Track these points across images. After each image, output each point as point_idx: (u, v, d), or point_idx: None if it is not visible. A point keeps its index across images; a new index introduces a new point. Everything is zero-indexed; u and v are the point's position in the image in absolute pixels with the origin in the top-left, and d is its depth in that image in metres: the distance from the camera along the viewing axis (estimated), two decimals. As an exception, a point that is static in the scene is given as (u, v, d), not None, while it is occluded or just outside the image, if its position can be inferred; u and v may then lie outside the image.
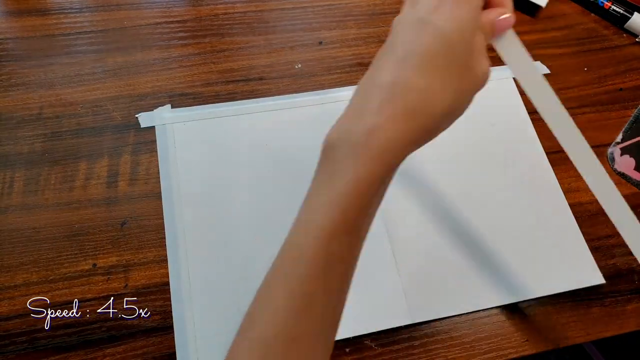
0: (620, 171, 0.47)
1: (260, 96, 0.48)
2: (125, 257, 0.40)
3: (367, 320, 0.39)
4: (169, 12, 0.53)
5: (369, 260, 0.41)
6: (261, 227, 0.42)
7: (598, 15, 0.57)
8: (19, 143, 0.44)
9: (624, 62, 0.54)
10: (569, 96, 0.51)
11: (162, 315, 0.38)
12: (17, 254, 0.40)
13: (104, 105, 0.47)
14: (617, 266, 0.43)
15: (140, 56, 0.50)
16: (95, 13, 0.52)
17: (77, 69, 0.48)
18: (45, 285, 0.38)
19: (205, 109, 0.47)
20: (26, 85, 0.47)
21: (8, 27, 0.51)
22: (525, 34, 0.55)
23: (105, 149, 0.44)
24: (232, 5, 0.54)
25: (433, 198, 0.44)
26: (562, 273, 0.42)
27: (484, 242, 0.43)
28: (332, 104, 0.48)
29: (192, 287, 0.39)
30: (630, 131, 0.49)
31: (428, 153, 0.46)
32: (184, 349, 0.37)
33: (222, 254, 0.41)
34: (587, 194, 0.46)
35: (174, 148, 0.45)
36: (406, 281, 0.40)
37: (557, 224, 0.44)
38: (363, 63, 0.51)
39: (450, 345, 0.39)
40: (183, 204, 0.42)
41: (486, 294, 0.41)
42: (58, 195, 0.42)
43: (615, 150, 0.48)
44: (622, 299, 0.42)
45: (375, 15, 0.55)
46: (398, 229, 0.43)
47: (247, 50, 0.51)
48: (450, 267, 0.42)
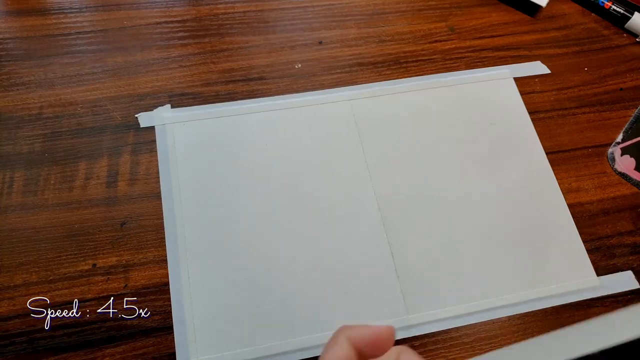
0: (621, 171, 0.47)
1: (260, 96, 0.48)
2: (125, 257, 0.40)
3: (367, 321, 0.39)
4: (169, 11, 0.53)
5: (368, 261, 0.41)
6: (261, 227, 0.42)
7: (598, 15, 0.57)
8: (19, 143, 0.44)
9: (624, 62, 0.54)
10: (569, 96, 0.51)
11: (162, 315, 0.38)
12: (16, 254, 0.39)
13: (103, 105, 0.47)
14: (617, 266, 0.43)
15: (140, 56, 0.50)
16: (95, 13, 0.52)
17: (77, 69, 0.48)
18: (45, 286, 0.38)
19: (205, 109, 0.47)
20: (26, 85, 0.47)
21: (8, 27, 0.51)
22: (525, 34, 0.55)
23: (105, 149, 0.44)
24: (232, 5, 0.54)
25: (432, 198, 0.44)
26: (559, 275, 0.42)
27: (483, 242, 0.43)
28: (332, 104, 0.48)
29: (192, 287, 0.39)
30: (630, 131, 0.49)
31: (428, 153, 0.46)
32: (184, 349, 0.37)
33: (222, 254, 0.41)
34: (587, 194, 0.46)
35: (173, 148, 0.45)
36: (405, 282, 0.40)
37: (556, 224, 0.44)
38: (363, 63, 0.51)
39: (450, 345, 0.39)
40: (183, 204, 0.42)
41: (486, 294, 0.41)
42: (58, 195, 0.42)
43: (616, 150, 0.48)
44: (623, 299, 0.42)
45: (375, 15, 0.55)
46: (397, 230, 0.43)
47: (247, 50, 0.51)
48: (449, 267, 0.41)
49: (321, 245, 0.41)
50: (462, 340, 0.39)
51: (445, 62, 0.52)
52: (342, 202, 0.43)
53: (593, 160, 0.48)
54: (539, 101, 0.50)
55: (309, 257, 0.41)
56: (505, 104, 0.50)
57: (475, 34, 0.54)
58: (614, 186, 0.47)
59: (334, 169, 0.45)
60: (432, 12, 0.56)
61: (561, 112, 0.50)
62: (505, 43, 0.54)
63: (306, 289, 0.40)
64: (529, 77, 0.52)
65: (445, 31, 0.54)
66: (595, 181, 0.47)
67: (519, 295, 0.41)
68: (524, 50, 0.54)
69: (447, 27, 0.55)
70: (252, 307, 0.39)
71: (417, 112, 0.49)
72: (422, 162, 0.46)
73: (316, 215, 0.43)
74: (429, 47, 0.53)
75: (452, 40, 0.54)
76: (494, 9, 0.57)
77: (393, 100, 0.49)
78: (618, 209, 0.45)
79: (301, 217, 0.42)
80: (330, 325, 0.38)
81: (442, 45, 0.53)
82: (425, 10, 0.56)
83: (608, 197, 0.46)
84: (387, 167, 0.45)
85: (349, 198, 0.44)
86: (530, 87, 0.51)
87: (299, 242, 0.41)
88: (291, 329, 0.38)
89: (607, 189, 0.46)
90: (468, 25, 0.55)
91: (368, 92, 0.49)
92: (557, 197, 0.45)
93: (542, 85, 0.52)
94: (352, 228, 0.42)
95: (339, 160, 0.45)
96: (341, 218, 0.43)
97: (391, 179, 0.45)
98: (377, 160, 0.46)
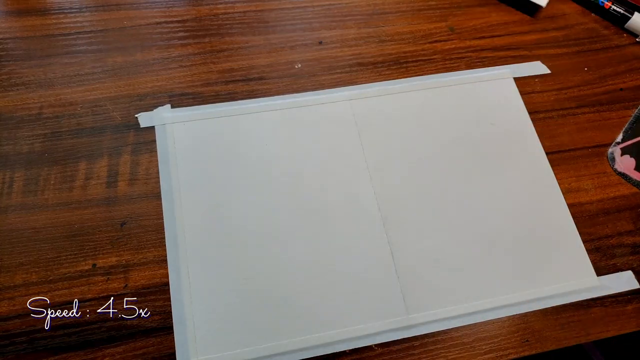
0: (621, 171, 0.47)
1: (260, 96, 0.48)
2: (125, 257, 0.40)
3: (367, 321, 0.39)
4: (169, 11, 0.53)
5: (368, 261, 0.41)
6: (261, 227, 0.42)
7: (598, 15, 0.57)
8: (19, 143, 0.44)
9: (624, 62, 0.54)
10: (569, 96, 0.51)
11: (162, 316, 0.38)
12: (16, 254, 0.40)
13: (103, 105, 0.47)
14: (617, 266, 0.43)
15: (139, 56, 0.50)
16: (95, 13, 0.52)
17: (77, 69, 0.48)
18: (45, 286, 0.39)
19: (205, 109, 0.47)
20: (26, 85, 0.47)
21: (8, 27, 0.51)
22: (525, 34, 0.55)
23: (105, 149, 0.44)
24: (232, 5, 0.54)
25: (432, 198, 0.44)
26: (559, 275, 0.42)
27: (483, 242, 0.43)
28: (332, 104, 0.48)
29: (192, 287, 0.39)
30: (630, 131, 0.49)
31: (428, 153, 0.46)
32: (184, 349, 0.37)
33: (222, 254, 0.41)
34: (586, 194, 0.46)
35: (173, 148, 0.45)
36: (405, 282, 0.40)
37: (556, 225, 0.44)
38: (363, 63, 0.51)
39: (450, 345, 0.39)
40: (183, 204, 0.42)
41: (486, 294, 0.41)
42: (58, 195, 0.42)
43: (616, 150, 0.48)
44: (623, 299, 0.42)
45: (375, 15, 0.55)
46: (397, 230, 0.43)
47: (247, 50, 0.51)
48: (449, 267, 0.41)
49: (321, 245, 0.41)
50: (462, 340, 0.39)
51: (445, 62, 0.52)
52: (342, 202, 0.43)
53: (593, 160, 0.48)
54: (539, 101, 0.50)
55: (309, 256, 0.41)
56: (505, 104, 0.50)
57: (475, 34, 0.55)
58: (614, 186, 0.47)
59: (334, 168, 0.45)
60: (432, 12, 0.56)
61: (561, 112, 0.50)
62: (505, 43, 0.54)
63: (306, 289, 0.40)
64: (529, 77, 0.52)
65: (445, 31, 0.54)
66: (595, 181, 0.47)
67: (519, 295, 0.41)
68: (524, 50, 0.54)
69: (447, 27, 0.55)
70: (252, 307, 0.39)
71: (417, 112, 0.49)
72: (422, 162, 0.46)
73: (316, 215, 0.43)
74: (429, 47, 0.53)
75: (452, 40, 0.54)
76: (494, 9, 0.57)
77: (393, 100, 0.49)
78: (618, 209, 0.46)
79: (301, 216, 0.42)
80: (330, 325, 0.38)
81: (442, 45, 0.53)
82: (425, 10, 0.56)
83: (608, 197, 0.46)
84: (387, 167, 0.45)
85: (349, 198, 0.44)
86: (530, 87, 0.51)
87: (299, 241, 0.41)
88: (291, 329, 0.38)
89: (607, 189, 0.46)
90: (468, 25, 0.55)
91: (368, 92, 0.49)
92: (557, 197, 0.45)
93: (542, 85, 0.52)
94: (352, 228, 0.42)
95: (339, 160, 0.45)
96: (341, 218, 0.43)
97: (391, 178, 0.45)
98: (377, 160, 0.46)
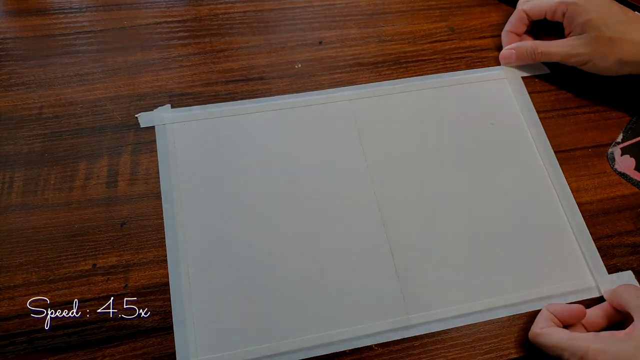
0: (621, 171, 0.47)
1: (260, 96, 0.48)
2: (125, 257, 0.40)
3: (367, 321, 0.39)
4: (169, 11, 0.53)
5: (368, 261, 0.41)
6: (261, 226, 0.42)
7: (598, 15, 0.57)
8: (19, 143, 0.44)
9: (624, 62, 0.54)
10: (569, 96, 0.51)
11: (162, 316, 0.38)
12: (16, 254, 0.39)
13: (103, 105, 0.47)
14: (617, 266, 0.43)
15: (139, 56, 0.50)
16: (95, 13, 0.52)
17: (77, 69, 0.48)
18: (45, 286, 0.38)
19: (205, 109, 0.47)
20: (26, 85, 0.47)
21: (8, 27, 0.51)
22: (525, 34, 0.55)
23: (105, 149, 0.44)
24: (232, 5, 0.54)
25: (432, 198, 0.44)
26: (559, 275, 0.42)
27: (483, 242, 0.43)
28: (332, 104, 0.48)
29: (192, 287, 0.39)
30: (630, 131, 0.49)
31: (428, 153, 0.46)
32: (184, 349, 0.37)
33: (222, 254, 0.41)
34: (587, 194, 0.46)
35: (173, 148, 0.45)
36: (405, 282, 0.40)
37: (556, 224, 0.44)
38: (363, 63, 0.51)
39: (450, 345, 0.39)
40: (183, 204, 0.42)
41: (486, 294, 0.41)
42: (58, 195, 0.42)
43: (616, 150, 0.48)
44: (622, 299, 0.42)
45: (375, 15, 0.55)
46: (397, 230, 0.43)
47: (247, 50, 0.51)
48: (449, 267, 0.41)
49: (321, 245, 0.41)
50: (462, 340, 0.39)
51: (445, 62, 0.52)
52: (342, 202, 0.43)
53: (593, 160, 0.48)
54: (539, 101, 0.50)
55: (309, 256, 0.41)
56: (505, 104, 0.50)
57: (475, 34, 0.55)
58: (614, 186, 0.47)
59: (334, 168, 0.45)
60: (432, 12, 0.56)
61: (561, 112, 0.50)
62: (505, 43, 0.54)
63: (306, 289, 0.40)
64: (529, 77, 0.52)
65: (445, 31, 0.54)
66: (595, 181, 0.47)
67: (519, 295, 0.41)
68: (524, 50, 0.54)
69: (447, 27, 0.55)
70: (253, 307, 0.39)
71: (417, 112, 0.49)
72: (422, 162, 0.46)
73: (316, 215, 0.43)
74: (429, 47, 0.53)
75: (452, 40, 0.54)
76: (494, 9, 0.57)
77: (393, 100, 0.49)
78: (618, 209, 0.45)
79: (301, 216, 0.42)
80: (330, 325, 0.38)
81: (442, 45, 0.53)
82: (425, 10, 0.56)
83: (608, 197, 0.46)
84: (387, 167, 0.45)
85: (348, 198, 0.44)
86: (530, 87, 0.51)
87: (299, 241, 0.41)
88: (291, 329, 0.38)
89: (607, 189, 0.46)
90: (468, 25, 0.55)
91: (368, 92, 0.49)
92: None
93: (542, 85, 0.52)
94: (351, 228, 0.42)
95: (339, 160, 0.45)
96: (341, 218, 0.43)
97: (391, 178, 0.45)
98: (377, 160, 0.46)
